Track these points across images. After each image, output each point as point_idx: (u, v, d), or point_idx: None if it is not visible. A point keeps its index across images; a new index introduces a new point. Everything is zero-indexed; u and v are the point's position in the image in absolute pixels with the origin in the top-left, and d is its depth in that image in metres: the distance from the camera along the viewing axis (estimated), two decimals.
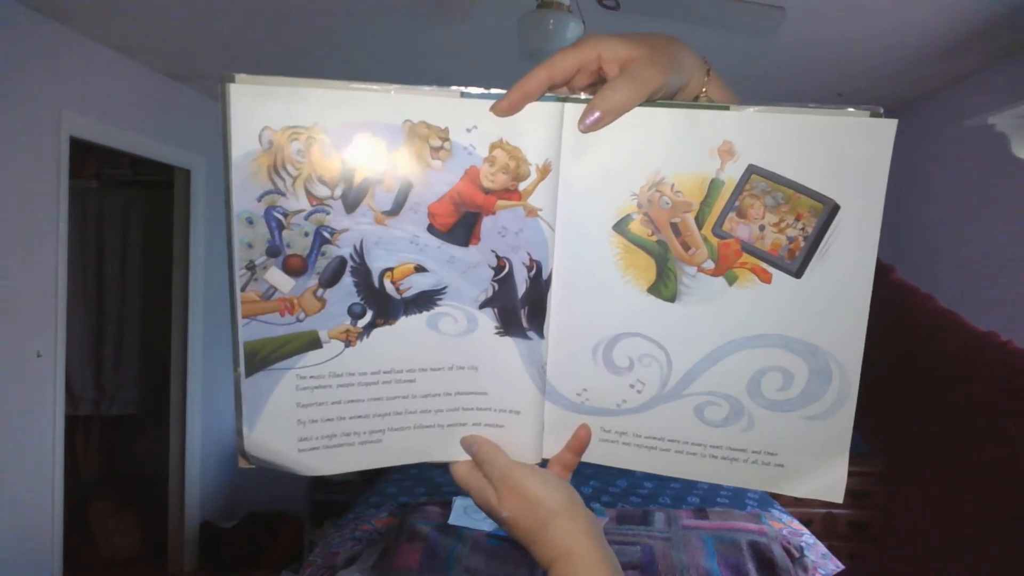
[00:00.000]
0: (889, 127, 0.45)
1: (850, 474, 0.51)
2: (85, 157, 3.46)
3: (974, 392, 0.48)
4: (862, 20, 2.26)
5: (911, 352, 0.54)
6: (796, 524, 2.17)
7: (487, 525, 1.97)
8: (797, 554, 1.89)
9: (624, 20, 1.97)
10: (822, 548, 2.00)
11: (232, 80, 0.42)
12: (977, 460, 0.45)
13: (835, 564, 1.88)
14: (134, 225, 3.72)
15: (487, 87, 0.45)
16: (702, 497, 2.36)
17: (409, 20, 2.35)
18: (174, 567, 3.38)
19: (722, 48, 2.45)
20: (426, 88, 0.44)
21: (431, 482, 2.43)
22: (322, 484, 3.49)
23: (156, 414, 3.67)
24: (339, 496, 3.40)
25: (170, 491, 3.38)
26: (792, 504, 2.89)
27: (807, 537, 2.05)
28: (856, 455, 0.52)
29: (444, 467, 0.55)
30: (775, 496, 2.63)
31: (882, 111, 0.45)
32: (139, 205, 3.72)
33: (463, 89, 0.45)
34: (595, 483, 2.45)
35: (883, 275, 0.47)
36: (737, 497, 2.37)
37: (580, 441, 0.53)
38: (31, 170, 2.37)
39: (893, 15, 2.21)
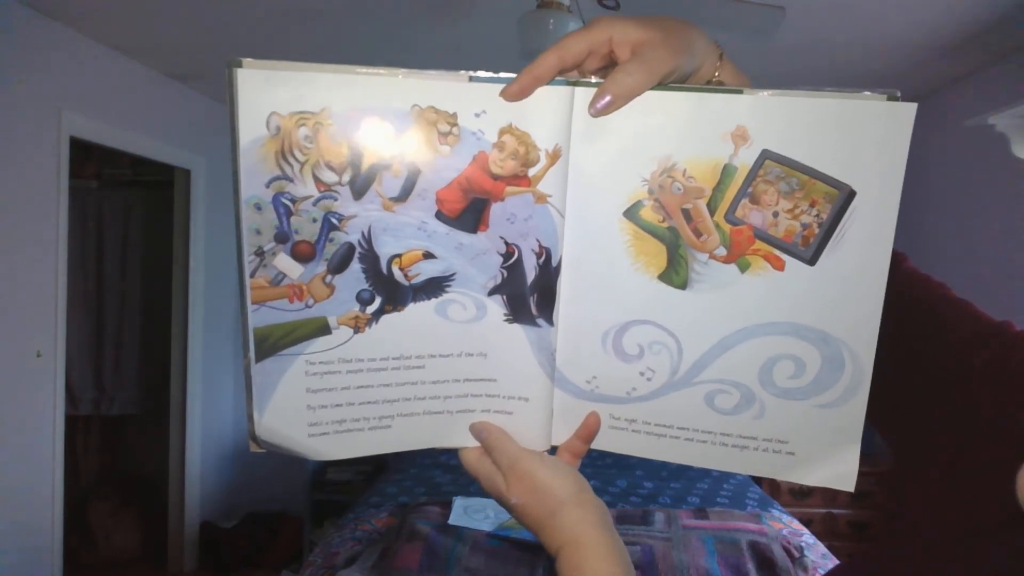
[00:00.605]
0: (908, 111, 0.43)
1: None
2: (85, 157, 3.46)
3: (983, 383, 0.48)
4: (862, 20, 2.26)
5: (922, 342, 0.53)
6: (796, 524, 2.17)
7: (487, 525, 1.97)
8: (797, 554, 1.89)
9: None
10: (822, 548, 2.00)
11: (239, 65, 0.42)
12: (982, 456, 0.45)
13: (835, 564, 1.88)
14: (134, 225, 3.72)
15: (496, 71, 0.44)
16: (702, 497, 2.36)
17: (409, 20, 2.35)
18: (174, 567, 3.37)
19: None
20: (434, 72, 0.44)
21: (431, 482, 2.43)
22: (322, 484, 3.49)
23: (156, 414, 3.67)
24: (339, 496, 3.40)
25: (170, 491, 3.38)
26: (792, 504, 2.89)
27: (807, 537, 2.05)
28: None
29: (444, 467, 0.55)
30: (775, 496, 2.63)
31: (899, 94, 0.43)
32: (139, 205, 3.72)
33: (472, 73, 0.44)
34: (595, 483, 2.44)
35: (895, 264, 0.46)
36: (737, 497, 2.37)
37: (589, 429, 0.53)
38: (31, 170, 2.37)
39: (893, 16, 2.21)
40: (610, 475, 2.52)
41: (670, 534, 1.96)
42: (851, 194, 0.45)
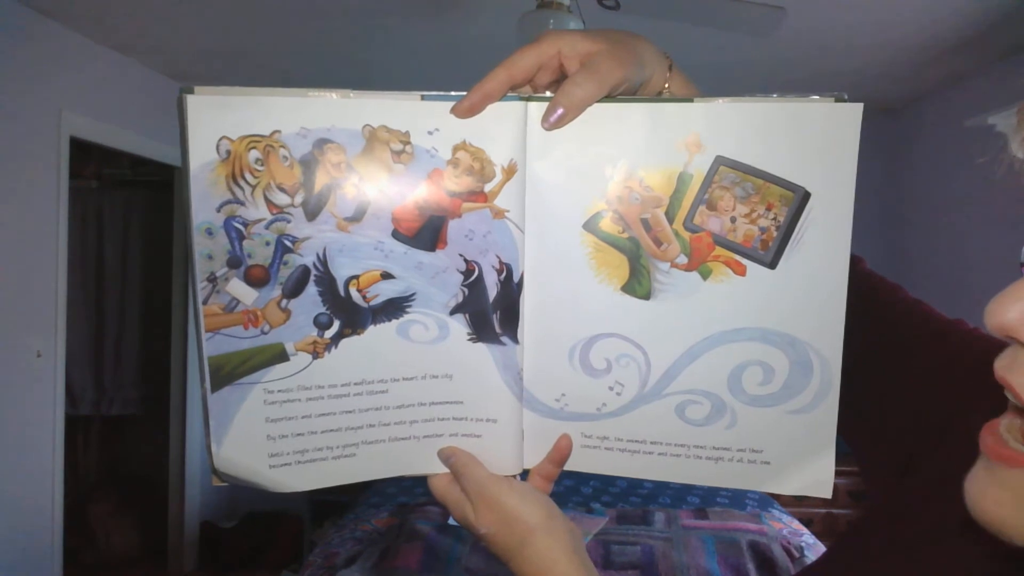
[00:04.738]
0: (854, 111, 0.44)
1: (850, 474, 0.50)
2: (85, 157, 3.46)
3: (938, 383, 0.47)
4: (862, 21, 2.26)
5: (878, 343, 0.53)
6: (796, 524, 2.17)
7: None
8: (797, 554, 1.89)
9: (624, 20, 1.96)
10: (822, 548, 2.00)
11: (190, 92, 0.42)
12: (937, 457, 0.44)
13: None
14: (134, 225, 3.72)
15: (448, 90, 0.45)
16: (702, 497, 2.36)
17: (409, 20, 2.35)
18: (174, 567, 3.37)
19: (721, 49, 2.45)
20: (385, 92, 0.44)
21: None
22: None
23: (156, 414, 3.67)
24: (339, 496, 3.39)
25: (170, 491, 3.38)
26: (792, 504, 2.89)
27: (807, 537, 2.05)
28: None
29: None
30: (775, 496, 2.63)
31: (847, 97, 0.44)
32: (139, 205, 3.72)
33: (424, 92, 0.44)
34: (595, 483, 2.44)
35: (851, 266, 0.46)
36: (737, 497, 2.37)
37: (561, 452, 0.51)
38: (31, 170, 2.37)
39: (893, 16, 2.21)
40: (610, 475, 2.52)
41: (670, 534, 1.96)
42: (806, 195, 0.45)
